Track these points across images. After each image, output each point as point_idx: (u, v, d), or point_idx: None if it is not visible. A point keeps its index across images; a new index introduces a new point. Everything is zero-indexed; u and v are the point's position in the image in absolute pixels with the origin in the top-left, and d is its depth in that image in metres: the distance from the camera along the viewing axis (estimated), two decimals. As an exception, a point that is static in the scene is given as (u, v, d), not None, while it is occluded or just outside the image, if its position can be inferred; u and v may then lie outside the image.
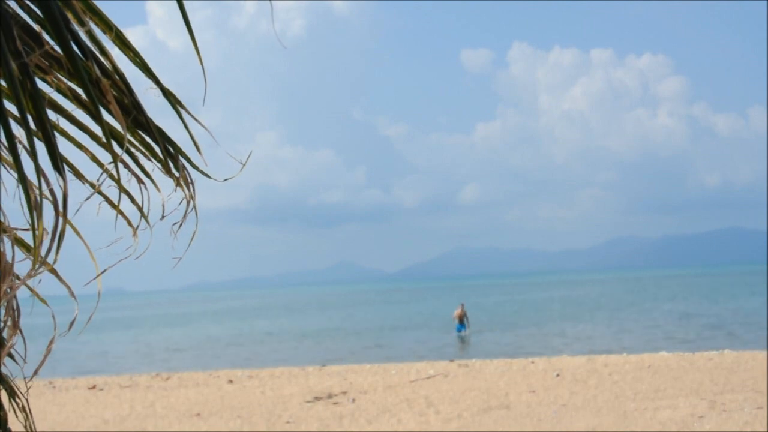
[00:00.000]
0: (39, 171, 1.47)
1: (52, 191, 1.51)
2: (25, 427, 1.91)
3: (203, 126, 1.72)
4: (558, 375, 15.77)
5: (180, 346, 35.47)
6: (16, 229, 1.65)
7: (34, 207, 1.45)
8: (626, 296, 67.98)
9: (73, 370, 23.99)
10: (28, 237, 1.74)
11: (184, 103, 1.72)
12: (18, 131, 1.49)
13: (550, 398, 13.15)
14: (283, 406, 13.70)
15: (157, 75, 1.68)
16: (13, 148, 1.41)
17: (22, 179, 1.41)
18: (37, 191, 1.48)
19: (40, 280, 1.68)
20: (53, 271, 1.69)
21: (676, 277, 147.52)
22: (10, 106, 1.57)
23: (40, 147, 1.57)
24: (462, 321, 31.67)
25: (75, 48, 1.49)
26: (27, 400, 1.89)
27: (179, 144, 1.76)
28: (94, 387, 18.17)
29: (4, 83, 1.65)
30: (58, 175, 1.45)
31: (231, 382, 17.80)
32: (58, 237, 1.48)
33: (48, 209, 1.49)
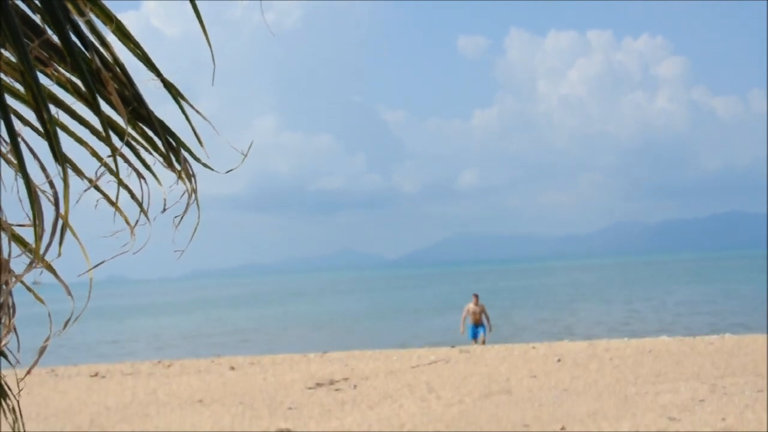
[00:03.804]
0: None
1: (51, 183, 1.50)
2: (13, 429, 1.87)
3: (204, 118, 1.71)
4: (559, 360, 15.80)
5: (181, 334, 35.55)
6: (14, 225, 1.64)
7: (33, 202, 1.44)
8: (626, 281, 68.04)
9: (75, 358, 24.06)
10: (22, 232, 1.73)
11: (180, 90, 1.70)
12: (17, 124, 1.47)
13: (551, 383, 13.17)
14: (285, 393, 13.73)
15: (157, 66, 1.66)
16: (14, 141, 1.40)
17: (24, 175, 1.39)
18: (37, 185, 1.46)
19: (42, 272, 1.67)
20: (50, 269, 1.68)
21: (676, 261, 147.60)
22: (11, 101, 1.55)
23: (39, 140, 1.55)
24: (479, 321, 21.62)
25: (75, 39, 1.48)
26: (18, 402, 1.86)
27: (178, 135, 1.75)
28: (96, 374, 18.21)
29: (3, 76, 1.63)
30: (59, 168, 1.43)
31: (233, 368, 17.84)
32: (60, 233, 1.47)
33: (46, 205, 1.48)
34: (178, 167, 1.73)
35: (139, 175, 1.73)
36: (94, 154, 1.75)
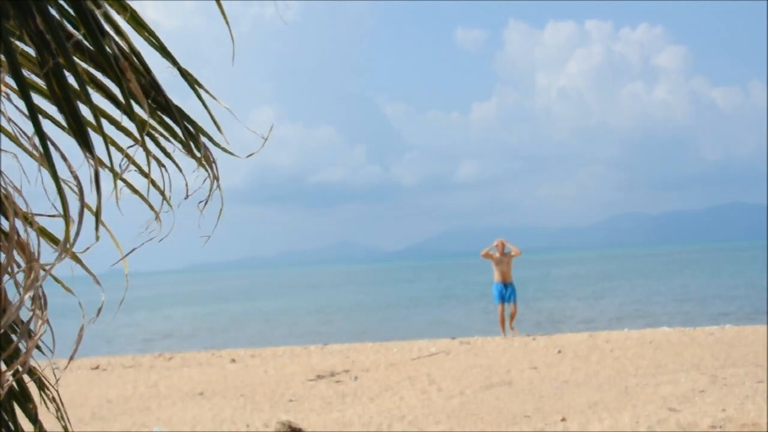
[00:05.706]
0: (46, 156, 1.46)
1: (76, 176, 1.51)
2: (58, 418, 1.92)
3: (223, 104, 1.73)
4: (559, 351, 15.81)
5: (182, 326, 35.61)
6: (42, 215, 1.66)
7: (60, 193, 1.45)
8: (627, 273, 68.10)
9: (78, 351, 24.07)
10: (49, 227, 1.75)
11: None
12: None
13: (551, 375, 13.19)
14: (285, 385, 13.76)
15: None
16: (40, 134, 1.40)
17: (51, 167, 1.40)
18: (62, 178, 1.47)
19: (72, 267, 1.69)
20: (76, 259, 1.69)
21: (677, 252, 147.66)
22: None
23: (60, 132, 1.56)
24: (507, 277, 19.32)
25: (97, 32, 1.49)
26: (57, 391, 1.90)
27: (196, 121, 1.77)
28: (97, 367, 18.25)
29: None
30: (88, 155, 1.43)
31: (233, 361, 17.87)
32: (96, 217, 1.47)
33: (70, 196, 1.49)
34: (198, 154, 1.72)
35: (160, 164, 1.73)
36: (113, 143, 1.76)
